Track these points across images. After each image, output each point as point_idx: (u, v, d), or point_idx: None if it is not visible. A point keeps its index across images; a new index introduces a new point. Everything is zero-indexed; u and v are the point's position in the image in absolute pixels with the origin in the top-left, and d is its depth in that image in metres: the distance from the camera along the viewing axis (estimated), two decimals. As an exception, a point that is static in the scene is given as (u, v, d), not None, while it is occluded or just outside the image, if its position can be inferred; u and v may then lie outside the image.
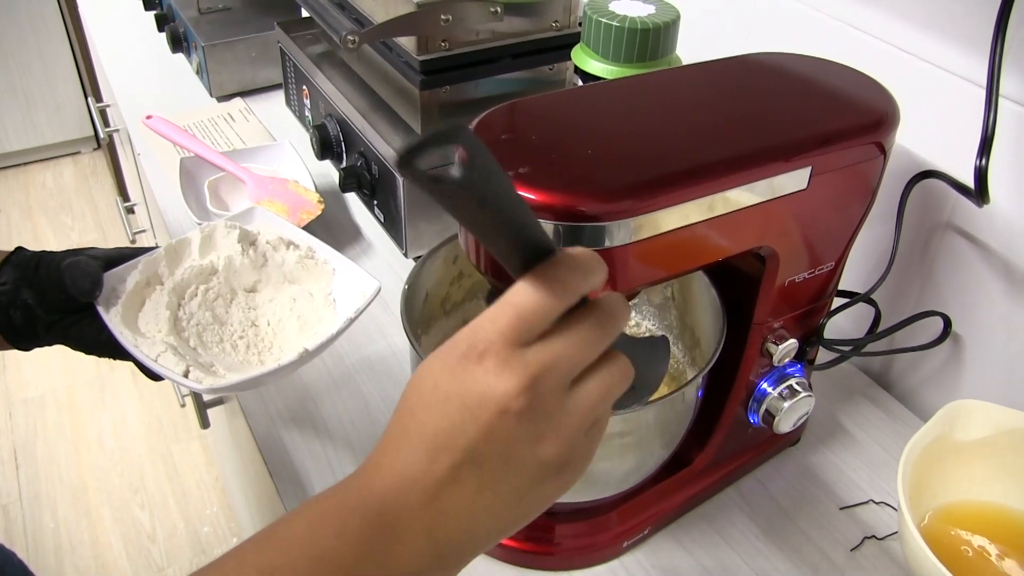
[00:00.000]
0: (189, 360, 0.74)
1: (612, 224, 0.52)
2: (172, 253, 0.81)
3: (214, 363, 0.77)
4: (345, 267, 0.83)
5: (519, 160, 0.53)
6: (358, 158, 1.09)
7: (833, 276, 0.71)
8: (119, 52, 1.61)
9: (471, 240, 0.57)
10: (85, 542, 1.97)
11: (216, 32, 1.41)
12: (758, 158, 0.57)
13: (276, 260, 0.85)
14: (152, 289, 0.78)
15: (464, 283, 0.78)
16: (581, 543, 0.72)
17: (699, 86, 0.65)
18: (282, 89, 1.40)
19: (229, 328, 0.81)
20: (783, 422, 0.74)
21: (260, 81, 1.45)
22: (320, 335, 0.75)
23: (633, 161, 0.55)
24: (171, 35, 1.51)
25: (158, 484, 2.11)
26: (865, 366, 0.95)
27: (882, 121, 0.64)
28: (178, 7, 1.50)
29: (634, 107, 0.61)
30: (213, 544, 1.98)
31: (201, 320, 0.79)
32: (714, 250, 0.59)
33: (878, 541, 0.76)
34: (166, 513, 2.05)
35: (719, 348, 0.65)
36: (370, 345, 0.93)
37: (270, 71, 1.44)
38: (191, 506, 2.06)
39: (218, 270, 0.82)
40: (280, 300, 0.83)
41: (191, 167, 1.15)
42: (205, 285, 0.82)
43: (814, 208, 0.63)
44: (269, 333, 0.82)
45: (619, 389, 0.44)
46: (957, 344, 0.85)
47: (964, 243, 0.81)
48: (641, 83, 0.65)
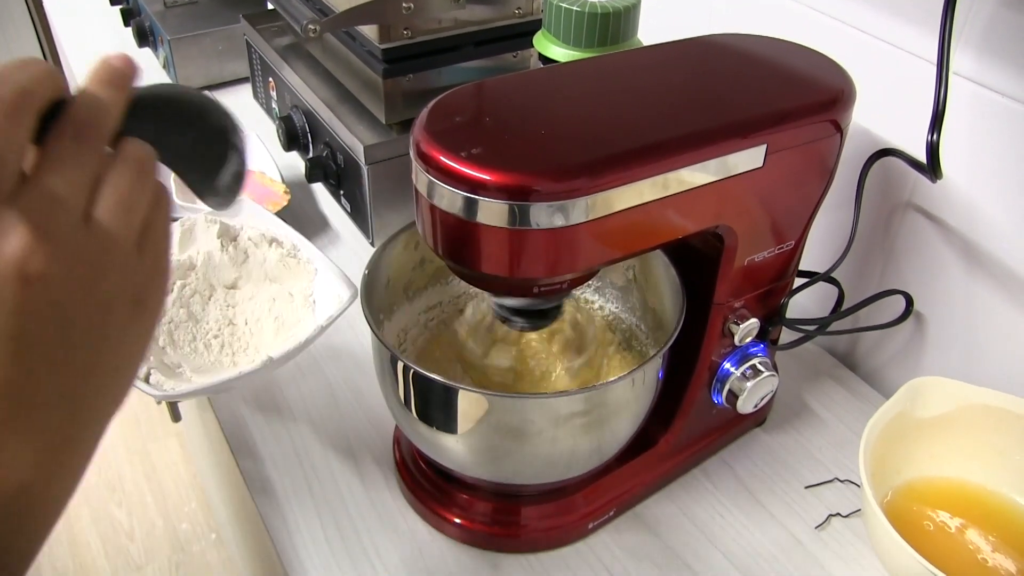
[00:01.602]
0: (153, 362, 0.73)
1: (566, 203, 0.52)
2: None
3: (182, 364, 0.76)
4: (326, 268, 0.81)
5: (472, 141, 0.53)
6: (324, 148, 1.09)
7: (793, 255, 0.72)
8: (85, 47, 1.59)
9: (427, 224, 0.57)
10: (63, 542, 1.96)
11: (182, 26, 1.40)
12: (712, 136, 0.57)
13: (258, 257, 0.84)
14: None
15: (427, 269, 0.78)
16: (546, 524, 0.72)
17: (655, 67, 0.65)
18: (249, 82, 1.39)
19: (204, 326, 0.80)
20: (746, 402, 0.74)
21: (227, 74, 1.44)
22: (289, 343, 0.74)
23: (587, 140, 0.55)
24: (137, 29, 1.50)
25: (135, 482, 2.10)
26: (831, 347, 0.95)
27: (837, 99, 0.64)
28: (144, 1, 1.48)
29: (590, 88, 0.61)
30: (192, 541, 1.97)
31: (174, 317, 0.78)
32: (670, 229, 0.59)
33: (843, 519, 0.76)
34: (144, 511, 2.03)
35: (678, 327, 0.65)
36: (336, 333, 0.93)
37: (237, 64, 1.43)
38: (169, 504, 2.05)
39: (196, 266, 0.81)
40: (259, 299, 0.83)
41: (156, 160, 1.14)
42: (182, 281, 0.81)
43: (771, 186, 0.63)
44: (246, 333, 0.81)
45: (144, 181, 0.39)
46: (919, 322, 0.85)
47: (924, 221, 0.81)
48: (597, 65, 0.65)
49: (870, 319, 0.87)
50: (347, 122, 1.02)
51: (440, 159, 0.52)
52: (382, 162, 0.99)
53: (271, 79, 1.24)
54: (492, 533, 0.72)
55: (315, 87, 1.10)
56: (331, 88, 1.10)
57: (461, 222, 0.53)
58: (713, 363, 0.73)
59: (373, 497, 0.76)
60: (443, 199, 0.53)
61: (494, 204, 0.52)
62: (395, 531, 0.73)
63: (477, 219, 0.53)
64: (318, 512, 0.74)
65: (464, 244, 0.55)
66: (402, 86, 1.00)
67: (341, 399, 0.86)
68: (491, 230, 0.53)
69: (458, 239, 0.55)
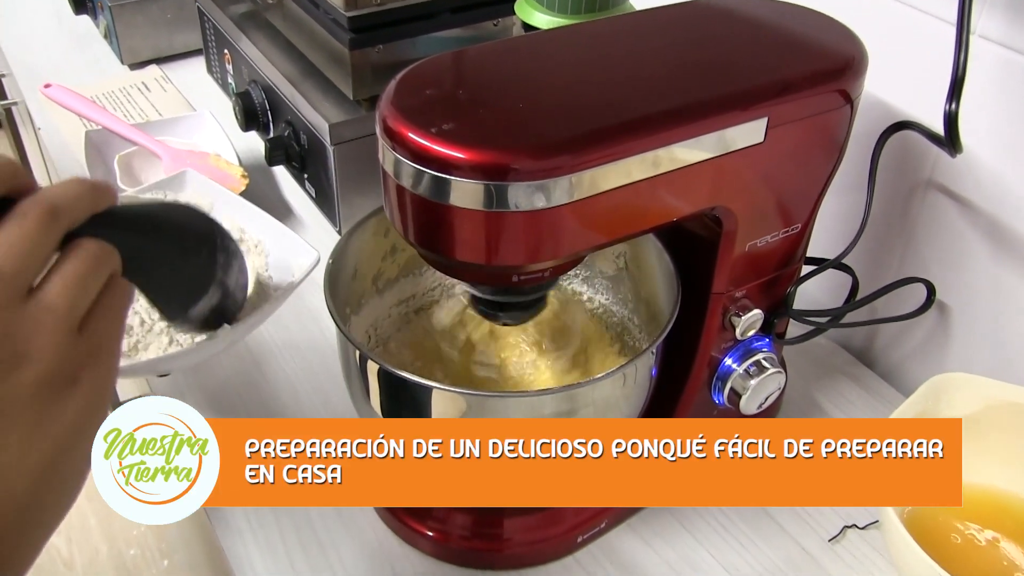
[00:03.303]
0: None
1: (546, 182, 0.53)
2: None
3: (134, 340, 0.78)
4: (282, 237, 0.83)
5: (443, 117, 0.54)
6: (286, 128, 1.10)
7: (800, 240, 0.73)
8: (12, 14, 1.59)
9: (396, 208, 0.58)
10: (-5, 572, 1.96)
11: (126, -11, 1.41)
12: (708, 108, 0.58)
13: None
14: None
15: (398, 258, 0.79)
16: (531, 538, 0.73)
17: (646, 34, 0.66)
18: (202, 55, 1.40)
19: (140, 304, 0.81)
20: (750, 401, 0.75)
21: (177, 46, 1.45)
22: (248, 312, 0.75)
23: (569, 114, 0.56)
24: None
25: (76, 504, 2.09)
26: (845, 342, 0.97)
27: (847, 66, 0.65)
28: (81, -39, 1.49)
29: (574, 58, 0.62)
30: (141, 568, 1.97)
31: None
32: (663, 211, 0.61)
33: (859, 531, 0.78)
34: (86, 537, 2.03)
35: (672, 319, 0.66)
36: (300, 329, 0.94)
37: (188, 35, 1.44)
38: (115, 527, 2.05)
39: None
40: None
41: (98, 141, 1.15)
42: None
43: (774, 164, 0.64)
44: None
45: (97, 270, 0.44)
46: (942, 313, 0.87)
47: (946, 201, 0.83)
48: (582, 32, 0.66)
49: (887, 310, 0.89)
50: (311, 98, 1.03)
51: (408, 136, 0.53)
52: (350, 142, 1.00)
53: (226, 51, 1.25)
54: (471, 548, 0.73)
55: (275, 60, 1.11)
56: (293, 61, 1.11)
57: (432, 205, 0.55)
58: (713, 359, 0.75)
59: (339, 508, 0.77)
60: (412, 180, 0.55)
61: (468, 184, 0.53)
62: (364, 546, 0.75)
63: (450, 201, 0.54)
64: (279, 525, 0.75)
65: (436, 229, 0.56)
66: (371, 58, 1.00)
67: (304, 400, 0.87)
68: (465, 213, 0.54)
69: (429, 224, 0.56)
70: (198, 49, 1.43)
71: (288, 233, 0.83)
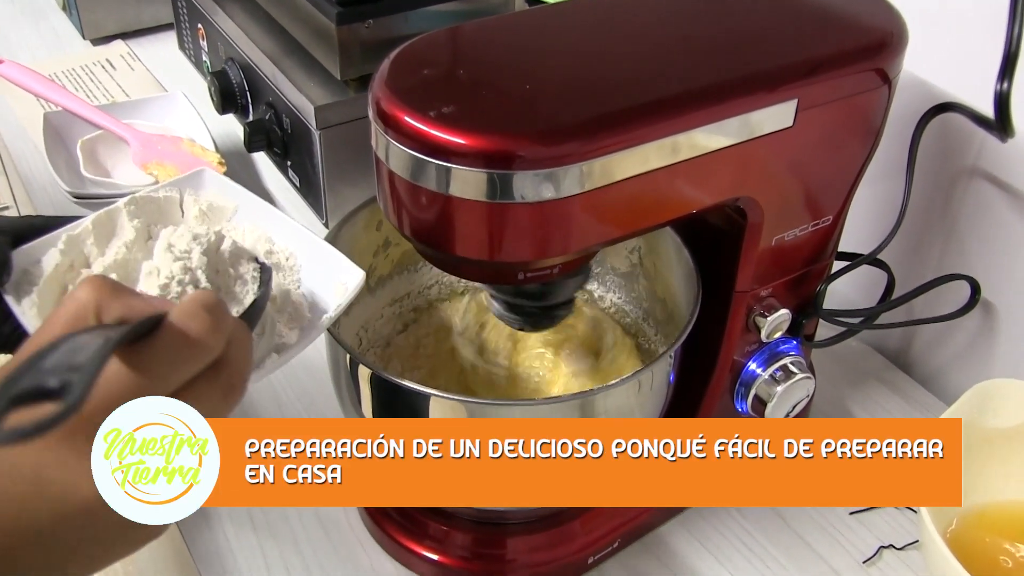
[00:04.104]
0: None
1: (556, 171, 0.53)
2: (101, 227, 0.79)
3: None
4: (317, 251, 0.79)
5: (443, 99, 0.54)
6: (267, 111, 1.10)
7: (831, 234, 0.73)
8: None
9: (390, 199, 0.58)
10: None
11: (87, -43, 1.40)
12: (731, 90, 0.58)
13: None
14: (76, 273, 0.76)
15: (392, 253, 0.79)
16: (538, 559, 0.73)
17: (664, 8, 0.66)
18: (173, 29, 1.39)
19: None
20: (776, 409, 0.75)
21: (146, 20, 1.45)
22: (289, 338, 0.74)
23: (581, 96, 0.56)
24: (32, -36, 1.50)
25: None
26: (880, 345, 0.97)
27: (884, 43, 0.65)
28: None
29: (584, 33, 0.62)
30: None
31: None
32: (682, 202, 0.61)
33: (896, 551, 0.78)
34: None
35: (692, 320, 0.66)
36: (284, 335, 0.94)
37: (158, 7, 1.43)
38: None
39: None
40: None
41: (58, 124, 1.15)
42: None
43: (803, 150, 0.65)
44: None
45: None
46: (988, 313, 0.87)
47: (992, 190, 0.83)
48: (594, 5, 0.66)
49: (927, 310, 0.89)
50: (294, 78, 1.03)
51: (404, 120, 0.53)
52: (337, 126, 1.00)
53: (201, 26, 1.25)
54: (472, 570, 0.73)
55: (255, 36, 1.11)
56: (274, 37, 1.10)
57: (430, 196, 0.55)
58: (736, 363, 0.75)
59: (328, 528, 0.77)
60: (408, 168, 0.55)
61: (469, 173, 0.53)
62: (355, 569, 0.75)
63: (449, 192, 0.54)
64: (262, 548, 0.76)
65: (434, 222, 0.56)
66: (360, 34, 1.00)
67: (287, 407, 0.88)
68: (466, 204, 0.54)
69: (427, 216, 0.56)
70: (169, 23, 1.43)
71: (326, 247, 0.79)
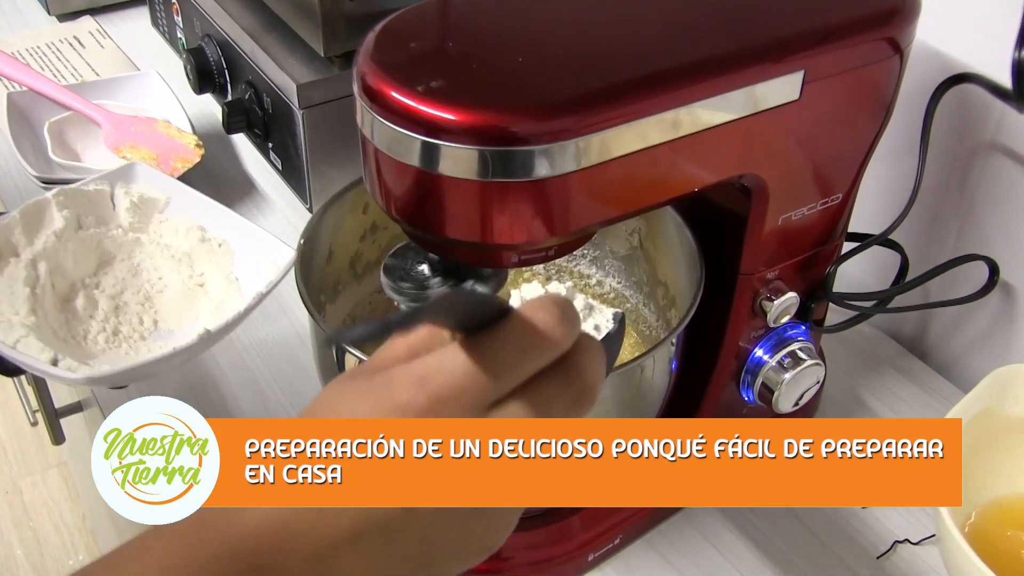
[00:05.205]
0: (56, 346, 0.76)
1: (551, 147, 0.53)
2: (29, 218, 0.82)
3: (84, 352, 0.79)
4: (251, 236, 0.84)
5: (431, 73, 0.54)
6: (246, 89, 1.10)
7: (841, 213, 0.73)
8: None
9: (376, 179, 0.58)
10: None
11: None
12: (735, 61, 0.59)
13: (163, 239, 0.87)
14: (5, 262, 0.79)
15: (379, 237, 0.80)
16: (536, 556, 0.74)
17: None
18: (146, 4, 1.39)
19: (101, 311, 0.83)
20: (784, 398, 0.76)
21: (115, -6, 1.45)
22: (224, 315, 0.76)
23: (576, 68, 0.56)
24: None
25: (2, 531, 2.09)
26: (894, 330, 0.97)
27: (895, 10, 0.65)
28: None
29: (579, 2, 0.63)
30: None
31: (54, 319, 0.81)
32: (683, 180, 0.61)
33: (912, 546, 0.79)
34: (12, 570, 2.02)
35: (695, 304, 0.66)
36: (267, 324, 0.95)
37: (129, -19, 1.44)
38: (48, 556, 2.04)
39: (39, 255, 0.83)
40: (173, 283, 0.85)
41: (23, 105, 1.15)
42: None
43: (810, 125, 0.65)
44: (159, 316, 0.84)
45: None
46: (1007, 295, 0.87)
47: (1012, 166, 0.83)
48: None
49: (943, 293, 0.89)
50: (275, 55, 1.03)
51: (391, 95, 0.54)
52: (321, 105, 1.00)
53: (175, 1, 1.25)
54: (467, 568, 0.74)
55: (233, 11, 1.11)
56: (254, 11, 1.10)
57: (419, 175, 0.55)
58: (741, 350, 0.75)
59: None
60: (396, 146, 0.55)
61: (460, 151, 0.53)
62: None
63: (439, 170, 0.54)
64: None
65: (424, 203, 0.57)
66: (345, 8, 1.00)
67: (272, 403, 0.88)
68: (457, 183, 0.54)
69: (416, 197, 0.57)
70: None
71: (257, 231, 0.84)
